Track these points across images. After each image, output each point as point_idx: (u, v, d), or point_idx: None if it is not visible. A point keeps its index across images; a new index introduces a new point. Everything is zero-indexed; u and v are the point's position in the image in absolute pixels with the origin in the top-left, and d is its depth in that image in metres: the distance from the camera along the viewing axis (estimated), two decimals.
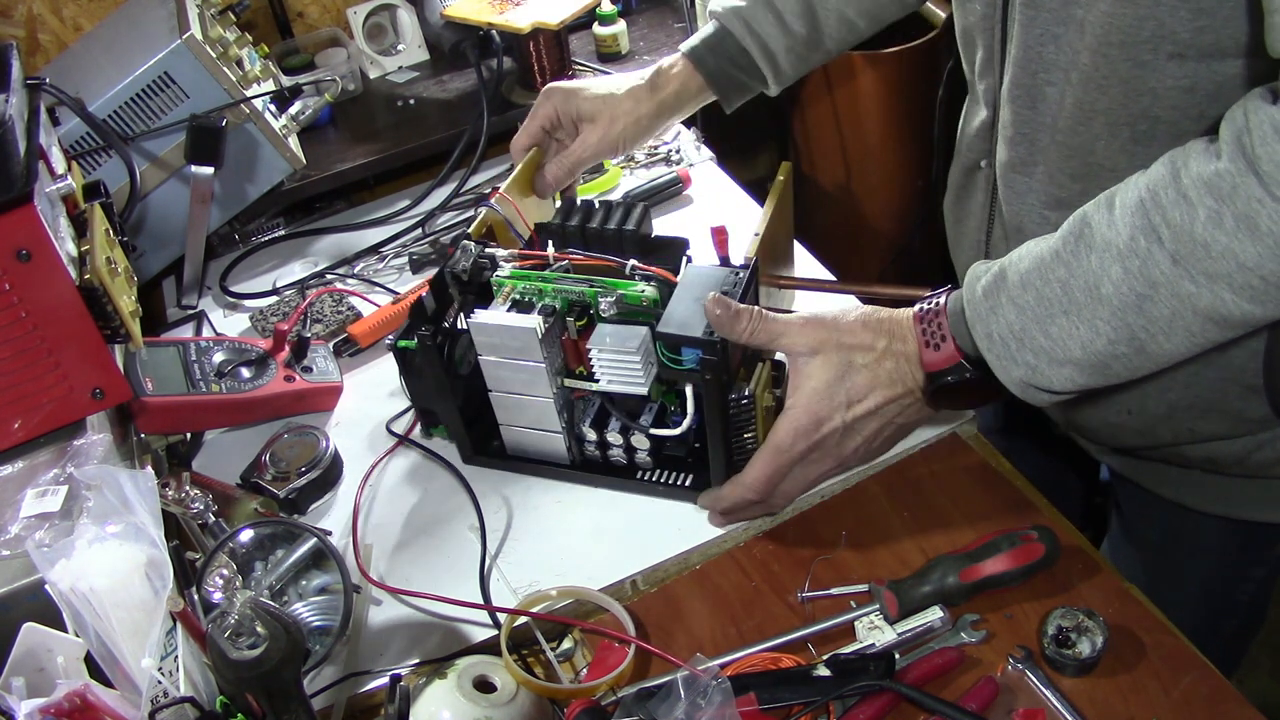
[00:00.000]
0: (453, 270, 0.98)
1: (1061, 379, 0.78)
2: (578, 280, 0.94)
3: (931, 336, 0.84)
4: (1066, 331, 0.75)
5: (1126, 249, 0.72)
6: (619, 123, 1.11)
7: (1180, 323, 0.71)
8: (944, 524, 0.94)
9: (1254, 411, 0.91)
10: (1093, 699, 0.79)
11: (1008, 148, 0.92)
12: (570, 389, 0.97)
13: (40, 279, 0.86)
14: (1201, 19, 0.73)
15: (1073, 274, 0.75)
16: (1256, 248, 0.67)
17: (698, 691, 0.73)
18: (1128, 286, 0.72)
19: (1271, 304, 0.69)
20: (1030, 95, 0.87)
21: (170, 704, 0.70)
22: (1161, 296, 0.71)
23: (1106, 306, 0.73)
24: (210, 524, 0.94)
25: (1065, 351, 0.76)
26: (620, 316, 0.92)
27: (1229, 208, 0.67)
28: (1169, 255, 0.70)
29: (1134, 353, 0.74)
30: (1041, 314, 0.76)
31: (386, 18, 1.76)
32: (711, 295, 0.86)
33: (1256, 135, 0.66)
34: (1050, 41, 0.83)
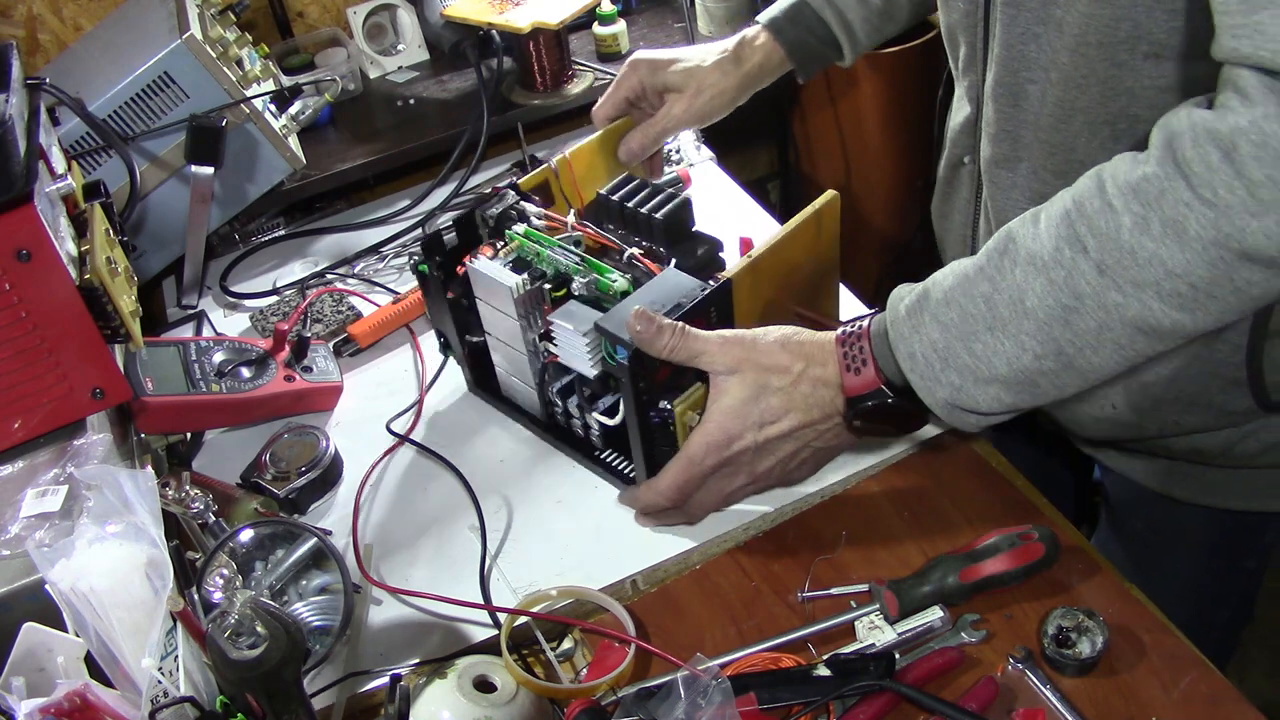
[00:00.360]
0: (483, 213, 1.02)
1: (988, 399, 0.76)
2: (569, 254, 0.97)
3: (853, 360, 0.82)
4: (991, 348, 0.74)
5: (1051, 260, 0.70)
6: (705, 94, 1.11)
7: (1108, 335, 0.70)
8: (944, 524, 0.94)
9: (1237, 404, 0.92)
10: (1093, 699, 0.79)
11: (991, 144, 0.93)
12: (546, 351, 0.99)
13: (40, 279, 0.86)
14: (1176, 19, 0.73)
15: (997, 289, 0.73)
16: (1184, 254, 0.65)
17: (698, 691, 0.73)
18: (1053, 299, 0.71)
19: (1201, 312, 0.67)
20: (1013, 93, 0.87)
21: (170, 704, 0.70)
22: (1088, 308, 0.70)
23: (1032, 320, 0.72)
24: (210, 524, 0.94)
25: (990, 369, 0.74)
26: (590, 298, 0.95)
27: (1156, 212, 0.66)
28: (1094, 265, 0.68)
29: (1061, 368, 0.73)
30: (965, 331, 0.75)
31: (386, 18, 1.76)
32: (636, 309, 0.86)
33: (1189, 138, 0.65)
34: (1031, 40, 0.83)
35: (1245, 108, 0.63)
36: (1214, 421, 0.94)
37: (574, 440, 1.05)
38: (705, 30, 1.77)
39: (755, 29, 1.13)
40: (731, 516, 0.96)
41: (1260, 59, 0.62)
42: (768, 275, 0.96)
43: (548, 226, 1.02)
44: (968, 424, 0.80)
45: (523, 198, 1.04)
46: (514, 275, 0.97)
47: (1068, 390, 0.75)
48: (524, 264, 0.99)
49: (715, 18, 1.75)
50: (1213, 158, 0.64)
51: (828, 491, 0.98)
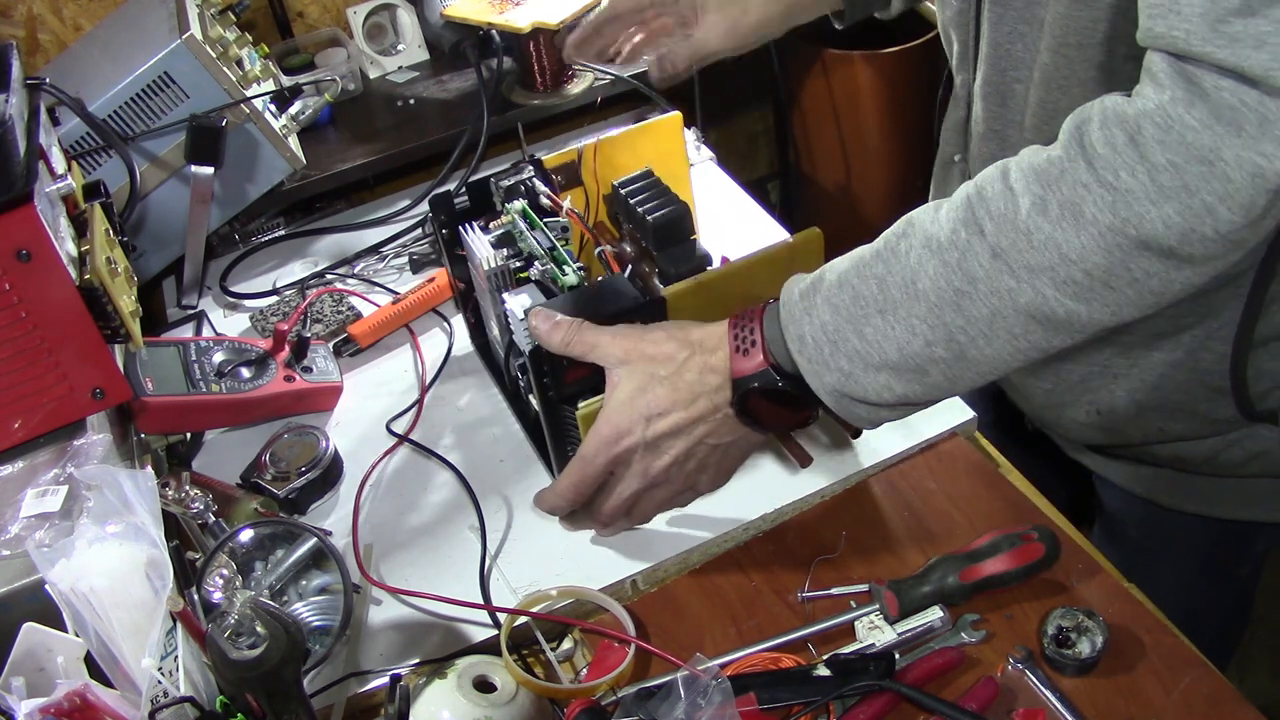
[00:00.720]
0: (497, 182, 1.03)
1: (877, 386, 0.73)
2: (542, 239, 0.99)
3: (742, 342, 0.79)
4: (882, 332, 0.71)
5: (947, 242, 0.68)
6: (751, 14, 1.02)
7: (1001, 322, 0.68)
8: (944, 524, 0.94)
9: (1221, 413, 0.91)
10: (1093, 699, 0.79)
11: (980, 143, 0.92)
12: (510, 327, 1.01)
13: (40, 279, 0.86)
14: None
15: (890, 270, 0.71)
16: (1080, 237, 0.64)
17: (698, 691, 0.73)
18: (945, 281, 0.68)
19: (1098, 303, 0.66)
20: (1000, 93, 0.87)
21: (170, 704, 0.70)
22: (980, 293, 0.67)
23: (923, 303, 0.69)
24: (210, 524, 0.94)
25: (881, 354, 0.72)
26: (545, 285, 0.97)
27: (1054, 194, 0.64)
28: (989, 248, 0.67)
29: (953, 357, 0.70)
30: (856, 314, 0.72)
31: (386, 18, 1.75)
32: (535, 308, 0.86)
33: (1096, 121, 0.64)
34: (1018, 39, 0.82)
35: (1155, 92, 0.62)
36: (1198, 429, 0.93)
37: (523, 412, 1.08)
38: None
39: None
40: (731, 517, 0.96)
41: (1173, 40, 0.61)
42: (720, 300, 0.93)
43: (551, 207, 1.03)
44: (857, 416, 0.76)
45: (542, 175, 1.05)
46: (490, 250, 0.99)
47: (961, 384, 0.73)
48: (509, 240, 1.01)
49: None
50: (1118, 140, 0.62)
51: (827, 491, 0.98)
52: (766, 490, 0.98)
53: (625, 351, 0.83)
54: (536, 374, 0.89)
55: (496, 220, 1.04)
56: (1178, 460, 0.98)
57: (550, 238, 0.99)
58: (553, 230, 1.00)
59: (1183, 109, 0.60)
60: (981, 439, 1.04)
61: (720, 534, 0.95)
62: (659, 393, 0.81)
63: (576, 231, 1.04)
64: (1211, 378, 0.89)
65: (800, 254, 0.97)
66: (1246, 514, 1.01)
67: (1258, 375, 0.89)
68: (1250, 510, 1.00)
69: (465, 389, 1.15)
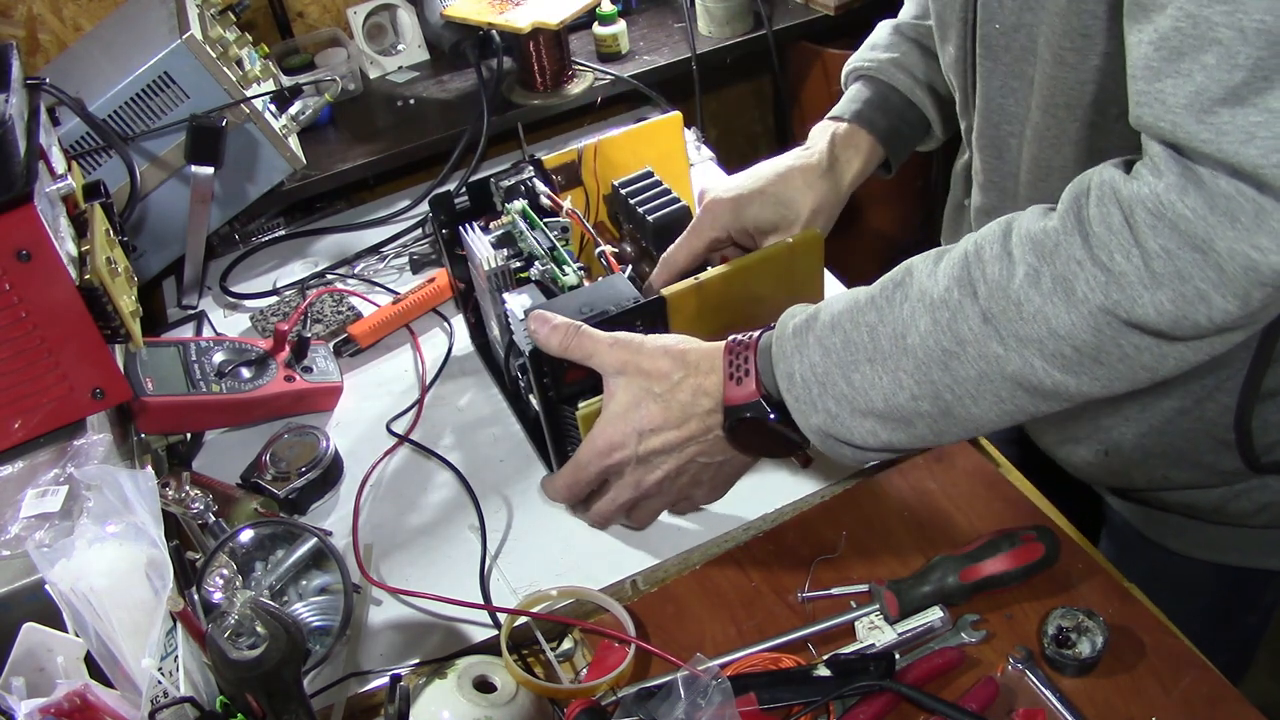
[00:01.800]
0: (497, 182, 1.04)
1: (862, 431, 0.73)
2: (542, 239, 0.99)
3: (736, 369, 0.79)
4: (869, 380, 0.71)
5: (939, 300, 0.68)
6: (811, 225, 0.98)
7: (988, 385, 0.67)
8: (944, 524, 0.94)
9: (1226, 464, 0.90)
10: (1093, 699, 0.79)
11: (981, 193, 0.91)
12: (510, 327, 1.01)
13: (40, 279, 0.86)
14: None
15: (883, 320, 0.71)
16: (1070, 315, 0.63)
17: (698, 691, 0.73)
18: (934, 340, 0.68)
19: (1087, 376, 0.65)
20: (995, 145, 0.85)
21: (170, 704, 0.70)
22: (969, 355, 0.67)
23: (911, 358, 0.69)
24: (210, 524, 0.94)
25: (867, 401, 0.72)
26: (545, 285, 0.97)
27: (1049, 266, 0.63)
28: (981, 312, 0.66)
29: (939, 413, 0.70)
30: (846, 359, 0.72)
31: (386, 18, 1.76)
32: (534, 311, 0.86)
33: (1094, 196, 0.63)
34: (1009, 94, 0.81)
35: (1152, 176, 0.61)
36: (1204, 479, 0.92)
37: (522, 411, 1.08)
38: (705, 30, 1.77)
39: (840, 126, 1.01)
40: (732, 516, 0.96)
41: (1161, 130, 0.60)
42: (720, 301, 0.94)
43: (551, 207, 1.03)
44: (842, 456, 0.77)
45: (542, 175, 1.05)
46: (491, 250, 0.99)
47: (946, 438, 0.73)
48: (509, 240, 1.02)
49: (715, 18, 1.75)
50: (1113, 220, 0.61)
51: (827, 491, 0.98)
52: (766, 490, 0.98)
53: (621, 363, 0.83)
54: (536, 374, 0.89)
55: (497, 220, 1.04)
56: (1188, 507, 0.97)
57: (550, 238, 0.99)
58: (553, 230, 1.00)
59: (1176, 196, 0.59)
60: (981, 439, 1.04)
61: (720, 534, 0.95)
62: (652, 409, 0.82)
63: (576, 231, 1.04)
64: (1216, 429, 0.88)
65: (800, 255, 0.97)
66: (1258, 563, 0.99)
67: (1264, 428, 0.87)
68: (1262, 559, 0.99)
69: (465, 389, 1.15)
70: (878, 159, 1.02)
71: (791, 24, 1.80)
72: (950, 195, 1.03)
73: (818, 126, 1.04)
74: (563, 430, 0.94)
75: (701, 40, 1.75)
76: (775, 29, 1.78)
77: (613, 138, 1.11)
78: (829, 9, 1.81)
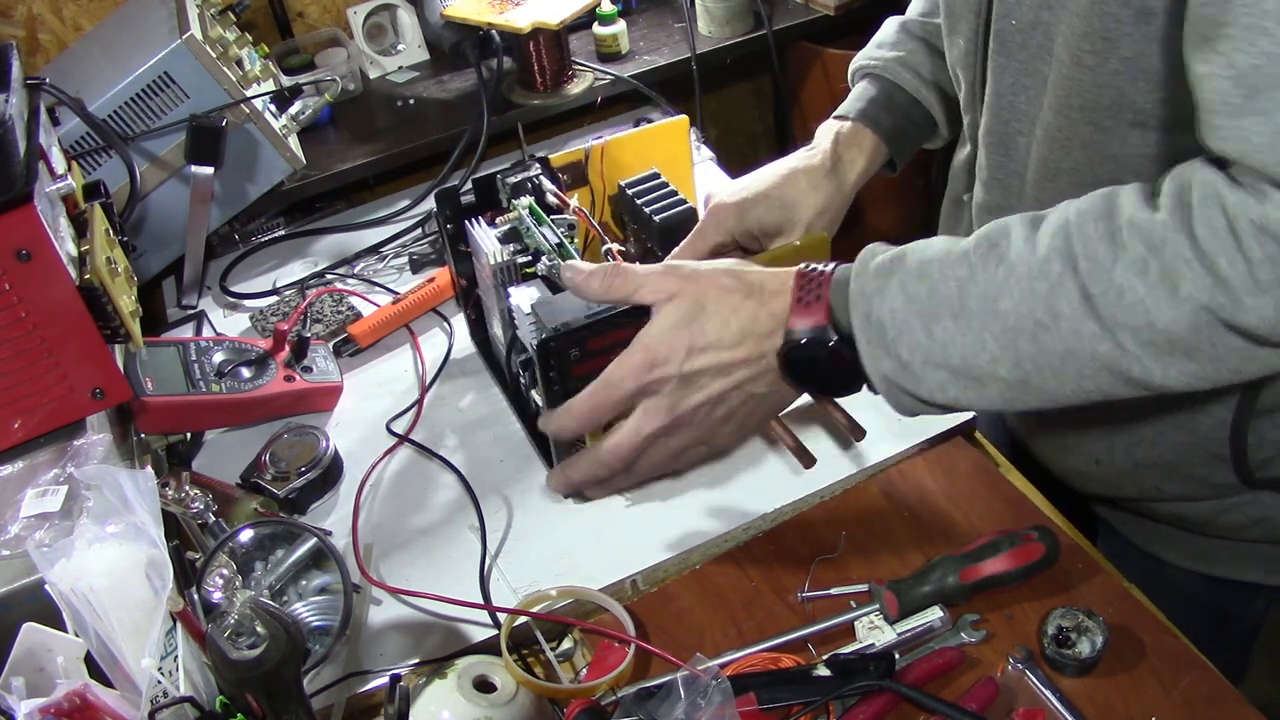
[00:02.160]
0: (504, 178, 1.04)
1: (931, 385, 0.71)
2: (549, 234, 0.99)
3: (806, 294, 0.76)
4: (950, 335, 0.69)
5: (1038, 270, 0.66)
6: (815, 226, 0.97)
7: (1073, 362, 0.66)
8: (944, 524, 0.94)
9: (1219, 478, 0.90)
10: (1093, 699, 0.79)
11: (984, 190, 0.90)
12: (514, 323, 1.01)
13: (40, 279, 0.86)
14: (1162, 91, 0.71)
15: (974, 277, 0.69)
16: (1173, 309, 0.63)
17: (698, 691, 0.73)
18: (1027, 308, 0.67)
19: (1175, 369, 0.65)
20: (1003, 142, 0.84)
21: (170, 704, 0.70)
22: (1062, 330, 0.66)
23: (1000, 322, 0.68)
24: (210, 524, 0.94)
25: (944, 356, 0.70)
26: (551, 281, 0.97)
27: (1156, 260, 0.63)
28: (1080, 289, 0.65)
29: (1016, 380, 0.69)
30: (929, 310, 0.70)
31: (386, 18, 1.76)
32: (565, 263, 0.84)
33: (1197, 196, 0.63)
34: (1020, 92, 0.80)
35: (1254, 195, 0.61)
36: (1196, 491, 0.92)
37: (523, 409, 1.08)
38: (705, 30, 1.77)
39: (845, 125, 1.00)
40: (732, 516, 0.96)
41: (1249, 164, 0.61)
42: None
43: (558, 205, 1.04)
44: (900, 405, 0.74)
45: (548, 173, 1.06)
46: (497, 244, 1.00)
47: (1015, 406, 0.71)
48: (515, 235, 1.02)
49: (715, 17, 1.75)
50: (1218, 225, 0.62)
51: (827, 492, 0.98)
52: (766, 490, 0.98)
53: (676, 287, 0.78)
54: (543, 368, 0.88)
55: (502, 216, 1.04)
56: (1177, 519, 0.97)
57: (557, 234, 0.99)
58: (559, 227, 1.00)
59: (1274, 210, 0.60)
60: (981, 439, 1.04)
61: (720, 534, 0.95)
62: (707, 327, 0.77)
63: (581, 230, 1.04)
64: (1210, 443, 0.87)
65: (806, 257, 0.97)
66: (1248, 575, 0.99)
67: (1259, 443, 0.87)
68: (1252, 572, 0.98)
69: (465, 389, 1.15)
70: (882, 158, 1.01)
71: (791, 24, 1.80)
72: (949, 190, 1.02)
73: (823, 126, 1.02)
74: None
75: (701, 40, 1.75)
76: (775, 29, 1.78)
77: (619, 139, 1.11)
78: (829, 9, 1.81)
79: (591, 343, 0.89)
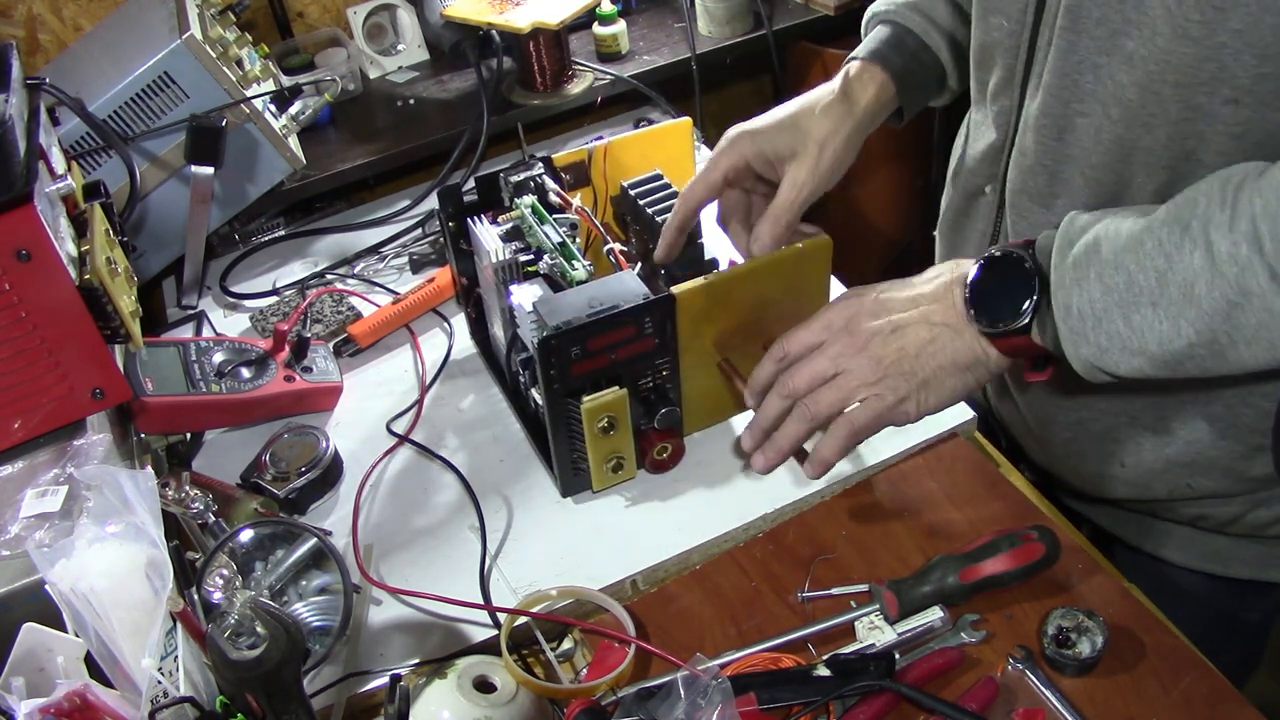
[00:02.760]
0: (506, 177, 1.05)
1: (1130, 368, 0.74)
2: (552, 234, 0.99)
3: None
4: (1149, 323, 0.72)
5: (1227, 256, 0.68)
6: (827, 149, 0.96)
7: (1265, 334, 0.68)
8: (944, 524, 0.94)
9: (1257, 470, 0.89)
10: (1093, 699, 0.79)
11: (1024, 176, 0.88)
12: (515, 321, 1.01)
13: (40, 279, 0.86)
14: (1266, 65, 0.70)
15: (1172, 267, 0.70)
16: None
17: (698, 691, 0.73)
18: (1220, 292, 0.68)
19: None
20: (1059, 126, 0.83)
21: (170, 704, 0.70)
22: (1253, 307, 0.68)
23: (1195, 308, 0.70)
24: (210, 524, 0.94)
25: (1141, 342, 0.72)
26: (553, 279, 0.98)
27: None
28: (1268, 268, 0.67)
29: (1211, 355, 0.71)
30: (1128, 299, 0.72)
31: (386, 18, 1.76)
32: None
33: None
34: (1090, 70, 0.79)
35: None
36: (1229, 487, 0.91)
37: (522, 409, 1.08)
38: (705, 30, 1.77)
39: (855, 64, 1.01)
40: (732, 516, 0.96)
41: None
42: (728, 301, 0.94)
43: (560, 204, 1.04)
44: (1099, 379, 0.77)
45: (551, 172, 1.06)
46: (499, 243, 1.00)
47: (1211, 373, 0.73)
48: (517, 234, 1.02)
49: (715, 17, 1.75)
50: None
51: (827, 491, 0.98)
52: (766, 490, 0.98)
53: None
54: (544, 366, 0.88)
55: (504, 214, 1.04)
56: (1200, 519, 0.96)
57: (560, 233, 0.99)
58: (561, 226, 1.00)
59: None
60: (981, 439, 1.04)
61: (720, 534, 0.95)
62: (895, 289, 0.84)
63: (584, 229, 1.04)
64: (1253, 436, 0.87)
65: (808, 260, 0.97)
66: (1262, 575, 0.98)
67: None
68: (1266, 571, 0.98)
69: (465, 389, 1.15)
70: (890, 95, 1.01)
71: (791, 24, 1.80)
72: (962, 185, 1.01)
73: None
74: (566, 425, 0.94)
75: (701, 40, 1.75)
76: (775, 29, 1.77)
77: (622, 139, 1.11)
78: (829, 9, 1.81)
79: (592, 341, 0.89)
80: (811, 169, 0.96)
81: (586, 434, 0.92)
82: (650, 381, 0.96)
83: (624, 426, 0.94)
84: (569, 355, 0.88)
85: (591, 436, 0.92)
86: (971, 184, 0.99)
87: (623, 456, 0.97)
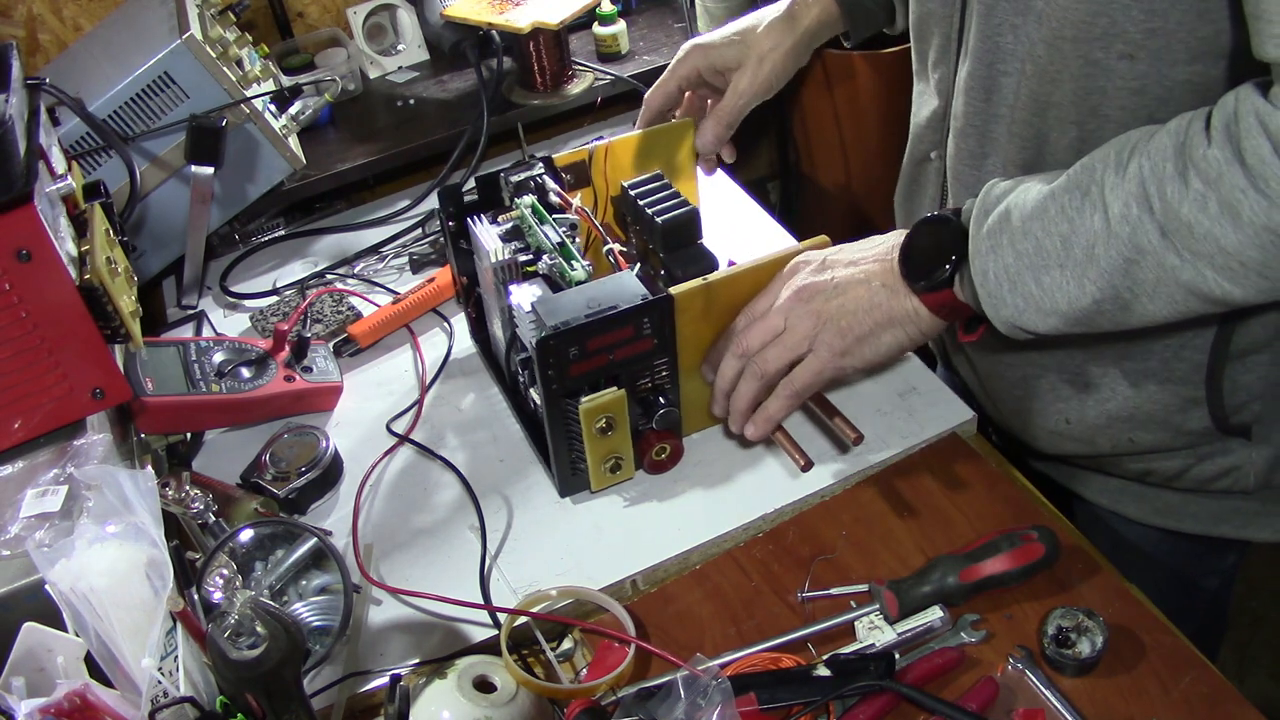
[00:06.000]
0: (507, 176, 1.05)
1: (1047, 326, 0.79)
2: (551, 233, 1.00)
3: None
4: (1057, 283, 0.76)
5: (1120, 216, 0.73)
6: (766, 62, 1.07)
7: (1163, 290, 0.73)
8: (944, 524, 0.94)
9: (1194, 424, 0.92)
10: (1093, 699, 0.79)
11: (959, 140, 0.93)
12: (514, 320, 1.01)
13: (40, 279, 0.86)
14: (1154, 20, 0.73)
15: (1075, 231, 0.75)
16: (1237, 235, 0.68)
17: (698, 691, 0.73)
18: (1117, 251, 0.73)
19: (1251, 288, 0.70)
20: (985, 86, 0.87)
21: (170, 704, 0.70)
22: (1148, 263, 0.72)
23: (1096, 267, 0.74)
24: (210, 524, 0.94)
25: (1052, 303, 0.77)
26: (552, 279, 0.98)
27: (1214, 193, 0.68)
28: (1158, 227, 0.71)
29: (1118, 309, 0.75)
30: (1037, 263, 0.77)
31: (386, 18, 1.76)
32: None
33: (1243, 126, 0.67)
34: (1009, 31, 0.83)
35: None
36: (1170, 441, 0.94)
37: (521, 407, 1.08)
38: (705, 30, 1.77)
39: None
40: (732, 516, 0.96)
41: None
42: (727, 301, 0.95)
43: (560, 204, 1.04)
44: (1019, 337, 0.82)
45: (552, 172, 1.06)
46: (499, 242, 1.01)
47: (1123, 326, 0.77)
48: (517, 234, 1.02)
49: (715, 18, 1.75)
50: (1264, 151, 0.65)
51: (827, 491, 0.98)
52: (766, 490, 0.98)
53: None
54: (542, 366, 0.88)
55: (504, 214, 1.04)
56: (1147, 474, 0.99)
57: (559, 233, 0.99)
58: (561, 227, 1.00)
59: None
60: (981, 439, 1.04)
61: (720, 534, 0.95)
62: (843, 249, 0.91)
63: (584, 230, 1.04)
64: (1186, 388, 0.90)
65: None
66: (1214, 530, 1.01)
67: (1233, 388, 0.90)
68: (1217, 527, 1.00)
69: (465, 389, 1.15)
70: (833, 17, 1.09)
71: None
72: (909, 153, 1.06)
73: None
74: (564, 425, 0.94)
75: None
76: None
77: (624, 140, 1.11)
78: None
79: (590, 341, 0.89)
80: (751, 79, 1.07)
81: (585, 434, 0.92)
82: (649, 382, 0.96)
83: (622, 427, 0.94)
84: (567, 355, 0.88)
85: (590, 437, 0.93)
86: (918, 151, 1.03)
87: (621, 457, 0.97)
